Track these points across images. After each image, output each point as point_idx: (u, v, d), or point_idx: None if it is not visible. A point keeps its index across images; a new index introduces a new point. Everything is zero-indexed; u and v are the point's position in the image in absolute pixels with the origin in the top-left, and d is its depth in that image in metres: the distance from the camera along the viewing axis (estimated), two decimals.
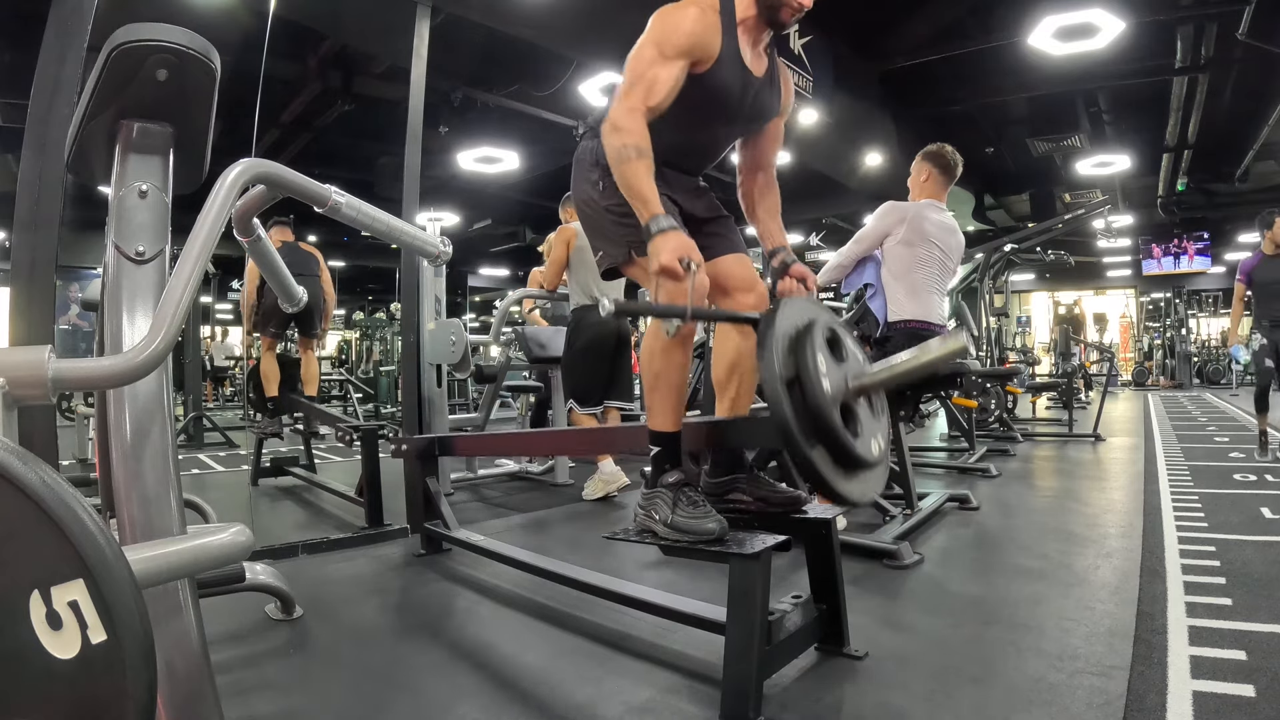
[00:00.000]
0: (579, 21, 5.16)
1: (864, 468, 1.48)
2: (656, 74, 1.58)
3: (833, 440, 1.41)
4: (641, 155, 1.54)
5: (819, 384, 1.39)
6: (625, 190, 1.57)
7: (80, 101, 1.21)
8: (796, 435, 1.38)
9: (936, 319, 3.01)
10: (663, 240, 1.49)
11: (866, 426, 1.50)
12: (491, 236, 13.36)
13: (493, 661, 1.85)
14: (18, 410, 0.96)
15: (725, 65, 1.66)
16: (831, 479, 1.43)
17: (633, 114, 1.56)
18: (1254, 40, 5.85)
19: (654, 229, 1.50)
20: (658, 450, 1.70)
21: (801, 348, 1.43)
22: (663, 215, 1.51)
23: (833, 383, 1.43)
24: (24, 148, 1.91)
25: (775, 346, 1.41)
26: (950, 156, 3.16)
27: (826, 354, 1.45)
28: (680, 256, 1.47)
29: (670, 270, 1.47)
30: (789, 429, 1.38)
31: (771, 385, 1.39)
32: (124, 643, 0.65)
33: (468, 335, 3.81)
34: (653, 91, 1.58)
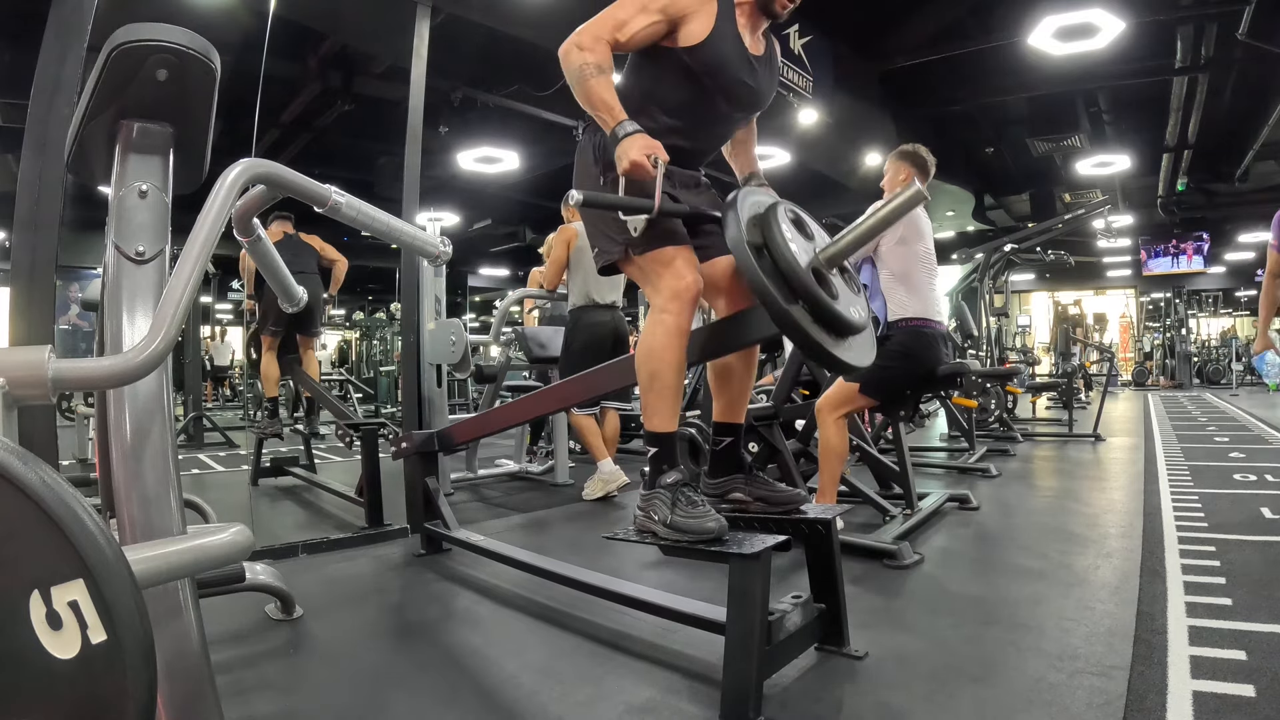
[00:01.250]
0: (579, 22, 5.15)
1: (850, 331, 1.49)
2: (632, 16, 1.62)
3: (811, 297, 1.42)
4: (602, 72, 1.57)
5: (786, 245, 1.41)
6: (586, 104, 1.60)
7: (80, 101, 1.21)
8: (773, 291, 1.39)
9: (936, 315, 3.01)
10: (629, 141, 1.52)
11: (844, 295, 1.51)
12: (491, 236, 13.36)
13: (492, 661, 1.85)
14: (18, 410, 0.96)
15: (724, 40, 1.67)
16: (818, 337, 1.43)
17: (597, 40, 1.60)
18: (1254, 40, 5.85)
19: (620, 132, 1.54)
20: (655, 451, 1.69)
21: (766, 220, 1.45)
22: (628, 120, 1.55)
23: (801, 248, 1.44)
24: (24, 148, 1.91)
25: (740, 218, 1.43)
26: (926, 156, 3.16)
27: (792, 228, 1.47)
28: (648, 153, 1.50)
29: (638, 165, 1.50)
30: (764, 287, 1.38)
31: (740, 250, 1.41)
32: (124, 643, 0.65)
33: (468, 335, 3.81)
34: (623, 29, 1.61)
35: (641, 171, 1.51)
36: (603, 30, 1.61)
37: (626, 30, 1.61)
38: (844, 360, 1.49)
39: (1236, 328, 17.12)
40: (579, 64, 1.58)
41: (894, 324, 2.97)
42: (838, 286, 1.51)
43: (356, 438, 3.27)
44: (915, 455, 4.45)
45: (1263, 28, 5.75)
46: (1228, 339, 15.42)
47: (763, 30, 1.77)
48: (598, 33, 1.60)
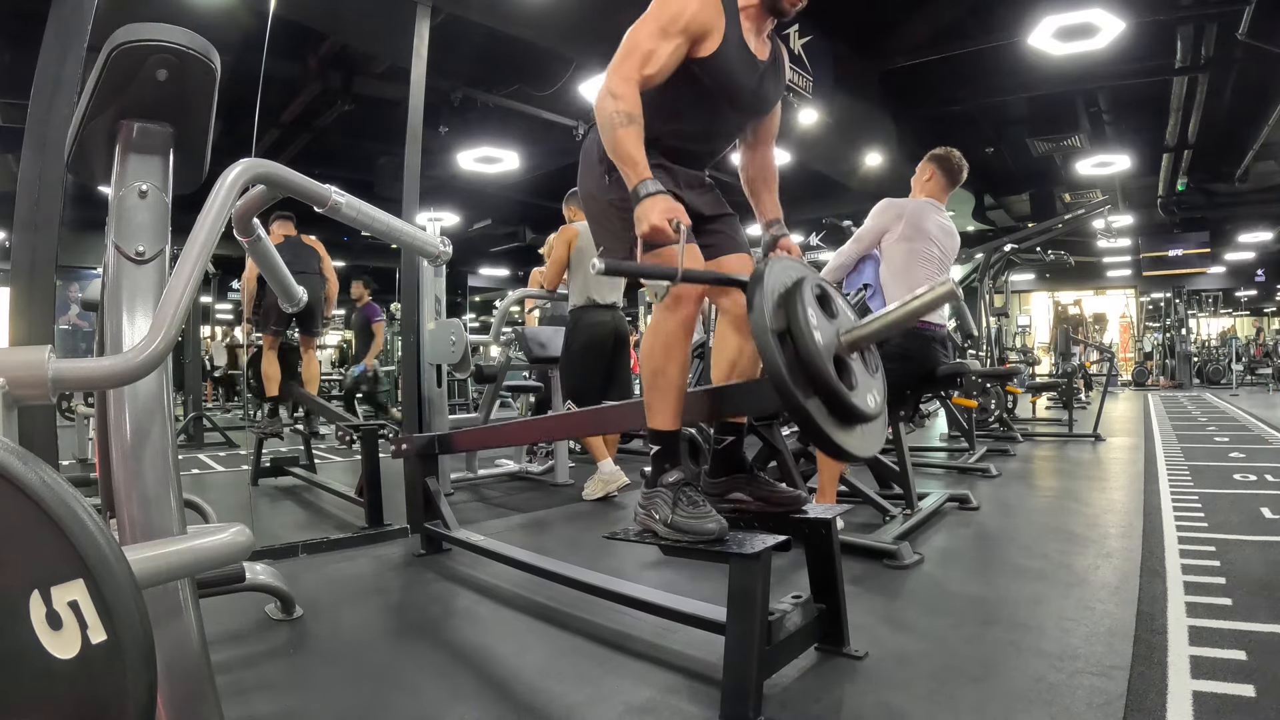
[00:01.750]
0: (579, 21, 5.16)
1: (862, 420, 1.47)
2: (654, 47, 1.59)
3: (828, 390, 1.40)
4: (632, 121, 1.55)
5: (810, 334, 1.38)
6: (614, 155, 1.58)
7: (80, 101, 1.21)
8: (790, 386, 1.37)
9: (936, 318, 3.01)
10: (651, 203, 1.49)
11: (862, 380, 1.48)
12: (491, 236, 13.36)
13: (493, 661, 1.85)
14: (18, 410, 0.96)
15: (730, 49, 1.67)
16: (829, 430, 1.41)
17: (626, 83, 1.57)
18: (1254, 40, 5.85)
19: (642, 192, 1.50)
20: (658, 449, 1.70)
21: (791, 301, 1.42)
22: (651, 180, 1.52)
23: (824, 335, 1.42)
24: (24, 148, 1.91)
25: (765, 300, 1.40)
26: (956, 162, 3.15)
27: (816, 308, 1.45)
28: (669, 218, 1.47)
29: (658, 231, 1.47)
30: (783, 380, 1.36)
31: (762, 337, 1.38)
32: (124, 643, 0.65)
33: (468, 335, 3.81)
34: (648, 62, 1.59)
35: (662, 236, 1.47)
36: (631, 69, 1.58)
37: (654, 63, 1.59)
38: (849, 451, 1.47)
39: (1236, 328, 17.13)
40: (610, 112, 1.55)
41: None
42: (856, 373, 1.49)
43: (356, 438, 3.27)
44: (915, 455, 4.45)
45: (1263, 28, 5.74)
46: (1228, 339, 15.42)
47: (767, 33, 1.77)
48: (627, 74, 1.58)
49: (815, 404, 1.40)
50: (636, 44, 1.60)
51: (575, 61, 5.99)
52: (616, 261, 1.55)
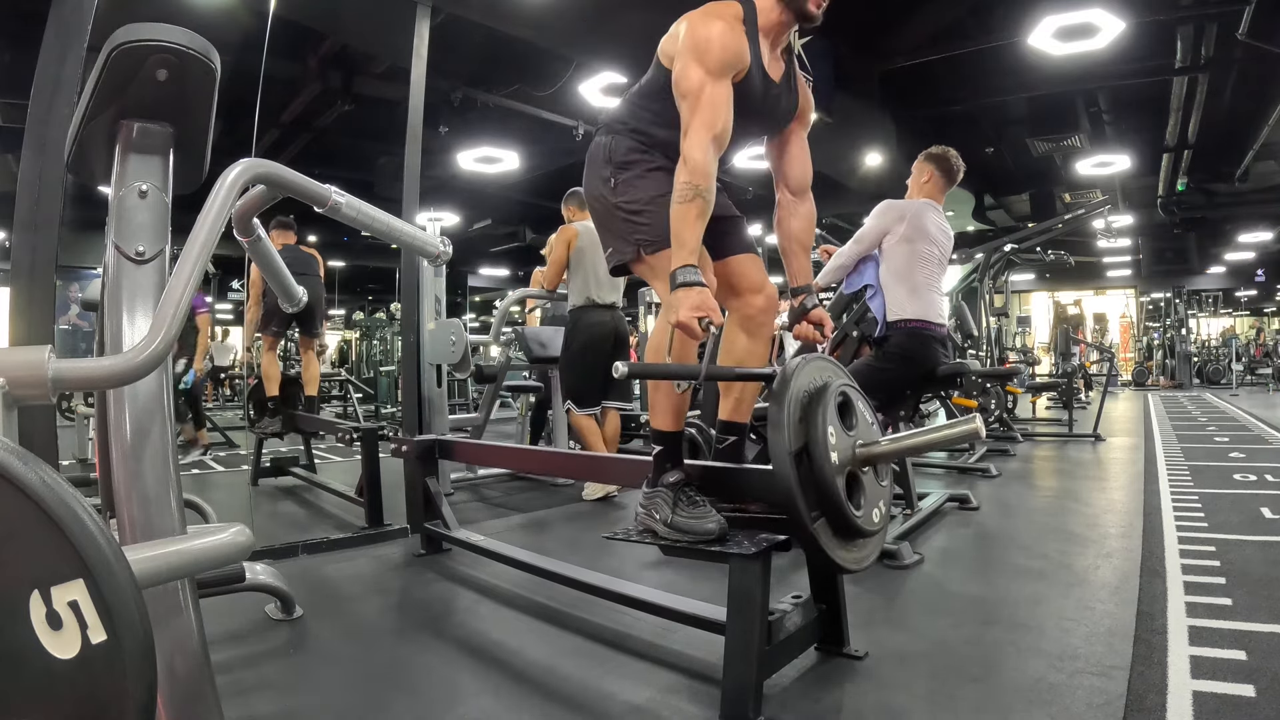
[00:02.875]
0: (579, 21, 5.16)
1: (863, 536, 1.51)
2: (714, 97, 1.55)
3: (836, 512, 1.44)
4: (699, 197, 1.50)
5: (827, 457, 1.42)
6: (672, 225, 1.53)
7: (80, 101, 1.21)
8: (800, 509, 1.41)
9: (937, 318, 3.01)
10: (685, 295, 1.45)
11: (870, 495, 1.52)
12: (491, 236, 13.36)
13: (493, 662, 1.85)
14: (18, 410, 0.96)
15: (755, 75, 1.66)
16: (831, 551, 1.46)
17: (705, 149, 1.52)
18: (1254, 40, 5.85)
19: (680, 279, 1.47)
20: (659, 450, 1.70)
21: (812, 417, 1.44)
22: (693, 267, 1.48)
23: (840, 453, 1.45)
24: (24, 148, 1.91)
25: (787, 418, 1.43)
26: (954, 161, 3.15)
27: (837, 423, 1.47)
28: (700, 316, 1.44)
29: (687, 328, 1.45)
30: (793, 502, 1.41)
31: (780, 458, 1.42)
32: (124, 643, 0.65)
33: (468, 335, 3.81)
34: (717, 117, 1.55)
35: (690, 335, 1.46)
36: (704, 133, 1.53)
37: (720, 119, 1.55)
38: (843, 566, 1.50)
39: (1236, 327, 17.13)
40: (685, 182, 1.51)
41: (893, 324, 2.97)
42: (866, 487, 1.51)
43: (356, 438, 3.28)
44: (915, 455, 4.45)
45: (1263, 28, 5.74)
46: (1228, 339, 15.42)
47: (782, 49, 1.76)
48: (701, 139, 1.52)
49: (822, 525, 1.45)
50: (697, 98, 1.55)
51: (575, 61, 5.99)
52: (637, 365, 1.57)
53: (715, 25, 1.59)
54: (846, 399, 1.53)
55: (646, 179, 1.71)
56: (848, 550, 1.49)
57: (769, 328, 1.82)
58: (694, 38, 1.59)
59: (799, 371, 1.50)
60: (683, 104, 1.58)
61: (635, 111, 1.77)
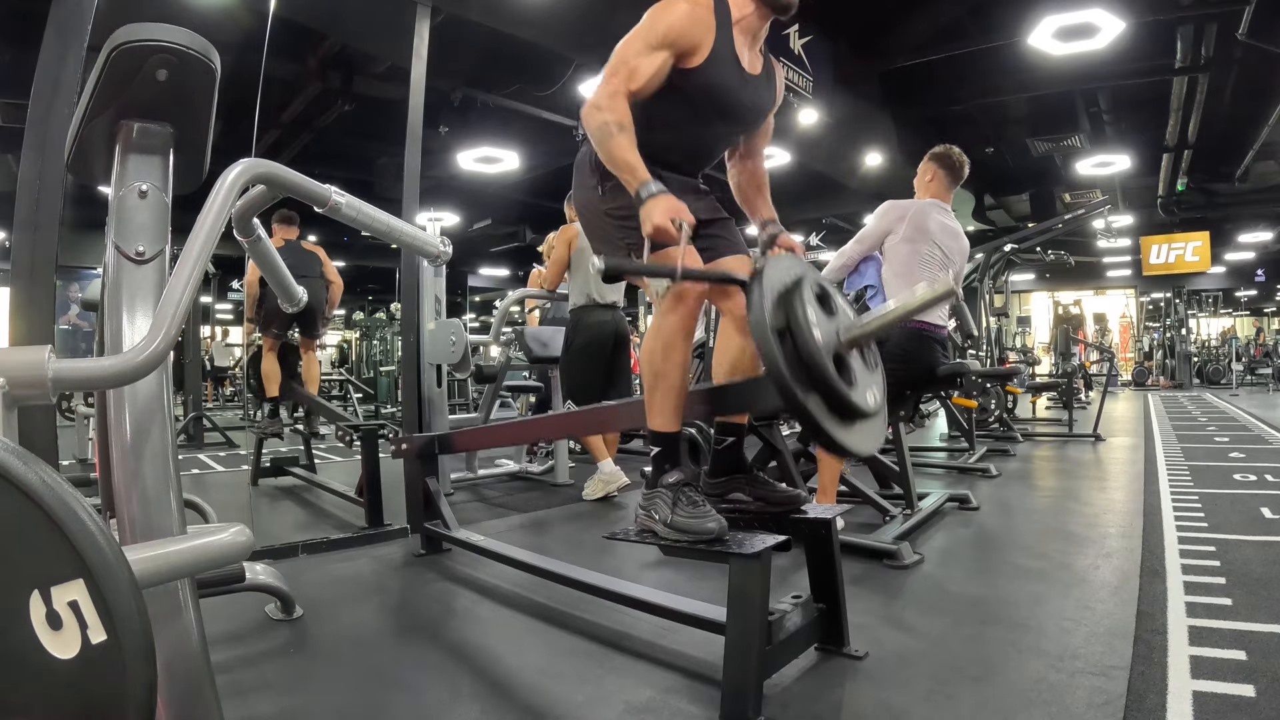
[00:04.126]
0: (579, 21, 5.16)
1: (862, 417, 1.47)
2: (640, 61, 1.61)
3: (827, 388, 1.41)
4: (623, 130, 1.57)
5: (810, 332, 1.39)
6: (610, 164, 1.59)
7: (80, 101, 1.21)
8: (791, 383, 1.38)
9: (937, 319, 3.01)
10: (653, 204, 1.51)
11: (861, 378, 1.49)
12: (491, 236, 13.36)
13: (493, 661, 1.85)
14: (18, 410, 0.96)
15: (721, 62, 1.67)
16: (830, 428, 1.42)
17: (614, 96, 1.59)
18: (1254, 40, 5.84)
19: (644, 194, 1.53)
20: (658, 450, 1.70)
21: (791, 300, 1.43)
22: (651, 181, 1.54)
23: (824, 333, 1.43)
24: (24, 148, 1.91)
25: (764, 299, 1.42)
26: (956, 158, 3.15)
27: (816, 307, 1.46)
28: (672, 217, 1.49)
29: (662, 231, 1.49)
30: (783, 377, 1.37)
31: (762, 336, 1.39)
32: (124, 643, 0.65)
33: (468, 335, 3.81)
34: (634, 76, 1.61)
35: (665, 237, 1.49)
36: (618, 84, 1.60)
37: (639, 77, 1.61)
38: (849, 448, 1.48)
39: (1236, 328, 17.13)
40: (599, 123, 1.58)
41: None
42: (856, 370, 1.50)
43: (356, 438, 3.27)
44: (915, 455, 4.45)
45: (1263, 28, 5.74)
46: (1228, 339, 15.42)
47: (760, 45, 1.77)
48: (614, 89, 1.60)
49: (815, 401, 1.41)
50: (624, 59, 1.63)
51: (575, 61, 5.99)
52: (617, 260, 1.56)
53: (677, 6, 1.63)
54: (824, 290, 1.52)
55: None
56: (848, 431, 1.46)
57: None
58: (651, 15, 1.65)
59: (772, 264, 1.51)
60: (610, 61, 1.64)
61: None
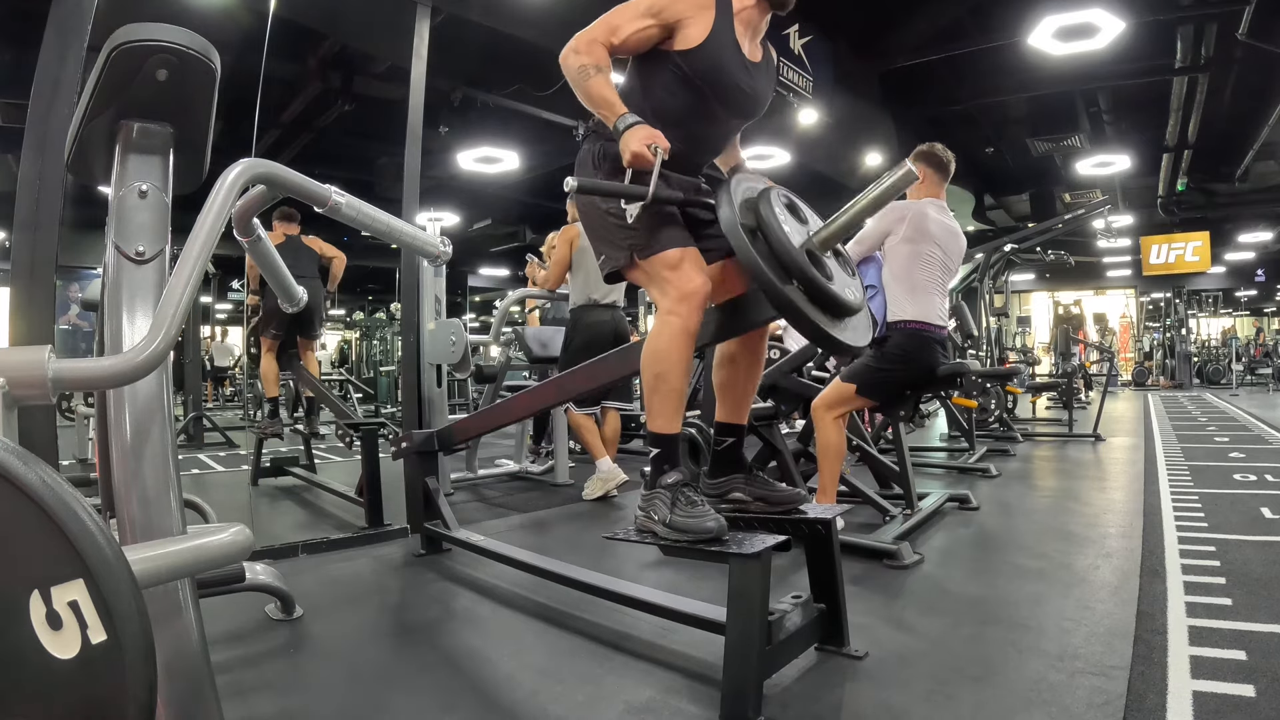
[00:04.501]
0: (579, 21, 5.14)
1: (847, 311, 1.50)
2: (621, 22, 1.66)
3: (806, 278, 1.43)
4: (600, 71, 1.62)
5: (779, 227, 1.42)
6: (589, 102, 1.64)
7: (80, 101, 1.21)
8: (767, 273, 1.40)
9: (937, 320, 3.00)
10: (631, 133, 1.56)
11: (838, 276, 1.52)
12: (491, 236, 13.37)
13: (493, 661, 1.85)
14: (18, 410, 0.96)
15: (721, 45, 1.67)
16: (816, 319, 1.44)
17: (593, 44, 1.64)
18: (1254, 40, 5.85)
19: (621, 125, 1.57)
20: (657, 451, 1.69)
21: (759, 204, 1.47)
22: (629, 114, 1.59)
23: (794, 230, 1.45)
24: (24, 148, 1.91)
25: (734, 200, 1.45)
26: (942, 154, 3.15)
27: (786, 213, 1.48)
28: (649, 143, 1.53)
29: (639, 155, 1.53)
30: (759, 268, 1.39)
31: (734, 232, 1.42)
32: (124, 643, 0.65)
33: (468, 335, 3.81)
34: (616, 33, 1.65)
35: (643, 161, 1.54)
36: (598, 34, 1.65)
37: (620, 34, 1.65)
38: (842, 341, 1.50)
39: (1236, 328, 17.14)
40: (577, 66, 1.63)
41: (893, 325, 2.96)
42: (832, 268, 1.52)
43: (356, 438, 3.27)
44: (915, 455, 4.45)
45: (1263, 28, 5.74)
46: (1228, 339, 15.42)
47: (761, 38, 1.78)
48: (593, 36, 1.65)
49: (795, 291, 1.43)
50: (607, 19, 1.67)
51: None
52: (588, 180, 1.62)
53: None
54: (791, 200, 1.56)
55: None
56: (835, 326, 1.48)
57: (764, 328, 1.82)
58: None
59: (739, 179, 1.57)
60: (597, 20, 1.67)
61: None
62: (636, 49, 1.68)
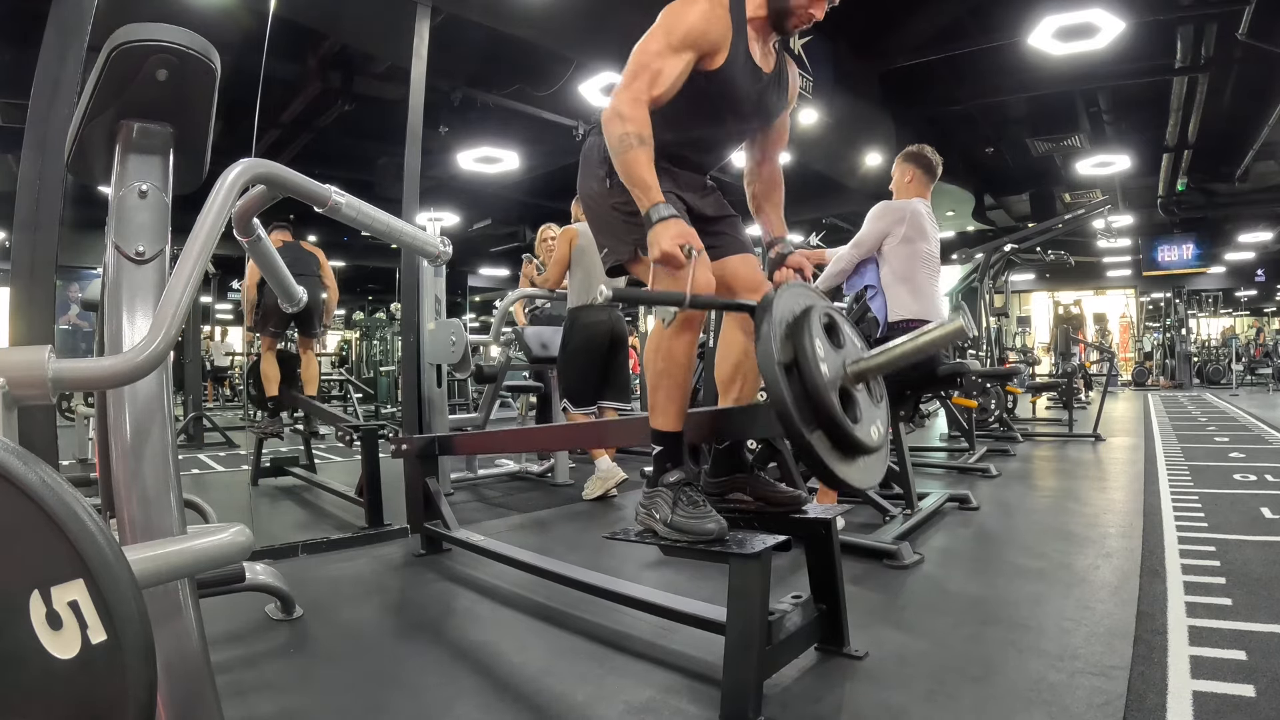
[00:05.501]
0: (579, 21, 5.16)
1: (864, 452, 1.48)
2: (662, 65, 1.59)
3: (831, 424, 1.41)
4: (643, 143, 1.54)
5: (817, 367, 1.39)
6: (626, 178, 1.57)
7: (80, 101, 1.21)
8: (795, 419, 1.38)
9: (937, 317, 3.01)
10: (663, 228, 1.49)
11: (866, 412, 1.49)
12: (491, 236, 13.36)
13: (492, 661, 1.85)
14: (18, 410, 0.96)
15: (736, 62, 1.66)
16: (831, 463, 1.42)
17: (636, 103, 1.57)
18: (1254, 40, 5.85)
19: (654, 216, 1.51)
20: (660, 449, 1.70)
21: (799, 332, 1.43)
22: (663, 203, 1.52)
23: (830, 367, 1.43)
24: (24, 148, 1.91)
25: (773, 331, 1.41)
26: (931, 156, 3.17)
27: (824, 339, 1.45)
28: (681, 243, 1.47)
29: (670, 257, 1.47)
30: (787, 413, 1.38)
31: (769, 369, 1.39)
32: (124, 643, 0.65)
33: (468, 335, 3.81)
34: (656, 82, 1.58)
35: (674, 263, 1.48)
36: (640, 90, 1.58)
37: (662, 82, 1.59)
38: (849, 483, 1.48)
39: (1236, 327, 17.13)
40: (620, 134, 1.56)
41: (894, 324, 2.97)
42: (861, 404, 1.50)
43: (356, 438, 3.27)
44: (915, 455, 4.45)
45: (1263, 28, 5.74)
46: (1228, 339, 15.42)
47: (773, 42, 1.77)
48: (636, 94, 1.57)
49: (819, 437, 1.42)
50: (645, 63, 1.59)
51: (575, 61, 5.99)
52: (623, 289, 1.55)
53: (696, 5, 1.61)
54: (832, 320, 1.52)
55: None
56: (849, 466, 1.46)
57: None
58: (670, 14, 1.62)
59: (782, 294, 1.50)
60: (630, 64, 1.61)
61: None
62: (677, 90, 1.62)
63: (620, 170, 1.58)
